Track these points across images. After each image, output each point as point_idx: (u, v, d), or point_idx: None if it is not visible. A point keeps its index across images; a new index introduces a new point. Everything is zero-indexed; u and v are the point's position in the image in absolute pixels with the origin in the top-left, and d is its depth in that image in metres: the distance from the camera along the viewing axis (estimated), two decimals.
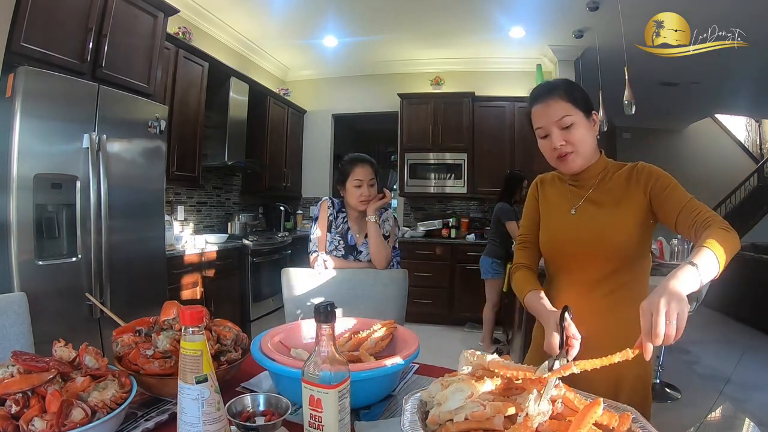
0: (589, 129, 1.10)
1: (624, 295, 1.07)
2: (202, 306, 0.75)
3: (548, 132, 1.09)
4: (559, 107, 1.07)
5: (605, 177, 1.12)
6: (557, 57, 4.71)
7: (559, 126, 1.08)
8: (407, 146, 5.01)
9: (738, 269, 4.97)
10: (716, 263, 0.86)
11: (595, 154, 1.13)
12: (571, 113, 1.07)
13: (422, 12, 4.00)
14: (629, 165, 1.12)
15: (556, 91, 1.09)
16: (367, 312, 1.30)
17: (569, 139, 1.08)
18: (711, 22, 2.59)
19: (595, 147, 1.13)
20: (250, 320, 3.88)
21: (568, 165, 1.11)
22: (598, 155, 1.14)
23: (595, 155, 1.13)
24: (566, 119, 1.07)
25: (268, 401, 0.81)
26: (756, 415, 2.66)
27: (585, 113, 1.09)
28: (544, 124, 1.10)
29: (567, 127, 1.07)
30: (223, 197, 4.52)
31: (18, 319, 1.20)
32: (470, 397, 0.65)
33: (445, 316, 4.61)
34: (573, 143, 1.08)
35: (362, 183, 1.78)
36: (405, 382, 1.08)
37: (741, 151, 8.51)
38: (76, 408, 0.70)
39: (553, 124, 1.08)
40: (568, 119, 1.07)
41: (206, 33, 4.13)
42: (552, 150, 1.10)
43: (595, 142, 1.12)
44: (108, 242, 2.27)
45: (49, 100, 2.03)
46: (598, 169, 1.13)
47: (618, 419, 0.64)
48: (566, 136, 1.08)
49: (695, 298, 2.73)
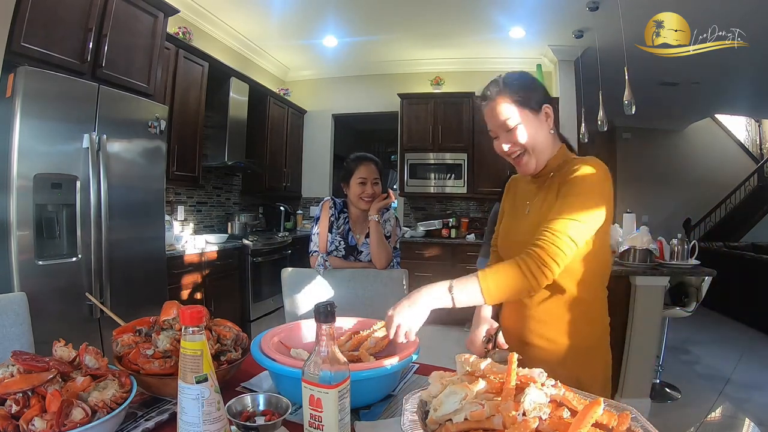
0: (538, 126, 1.04)
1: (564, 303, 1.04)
2: (202, 306, 0.75)
3: (497, 135, 1.06)
4: (501, 109, 1.02)
5: (558, 172, 1.06)
6: (557, 57, 4.71)
7: (505, 129, 1.03)
8: (407, 146, 5.01)
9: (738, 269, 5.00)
10: (478, 295, 0.91)
11: (552, 149, 1.07)
12: (515, 115, 1.01)
13: (422, 12, 4.00)
14: (577, 159, 1.05)
15: (499, 92, 1.03)
16: (367, 312, 1.30)
17: (516, 141, 1.03)
18: (711, 22, 2.59)
19: (550, 142, 1.06)
20: (250, 320, 3.88)
21: (522, 167, 1.07)
22: (557, 149, 1.08)
23: (553, 149, 1.07)
24: (510, 122, 1.02)
25: (268, 401, 0.80)
26: (756, 415, 2.66)
27: (532, 110, 1.03)
28: (491, 128, 1.06)
29: (511, 129, 1.02)
30: (223, 197, 4.52)
31: (18, 319, 1.20)
32: (465, 398, 0.65)
33: (444, 316, 4.57)
34: (521, 145, 1.03)
35: (366, 181, 1.79)
36: (405, 382, 1.08)
37: (741, 151, 8.50)
38: (76, 408, 0.70)
39: (499, 127, 1.04)
40: (512, 121, 1.02)
41: (206, 33, 4.13)
42: (502, 153, 1.07)
43: (549, 136, 1.06)
44: (108, 242, 2.27)
45: (49, 100, 2.03)
46: (555, 165, 1.07)
47: (617, 419, 0.64)
48: (512, 138, 1.03)
49: (695, 298, 2.74)
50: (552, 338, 1.06)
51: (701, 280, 2.69)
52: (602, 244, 1.04)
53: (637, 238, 2.68)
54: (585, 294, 1.04)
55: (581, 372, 1.02)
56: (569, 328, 1.05)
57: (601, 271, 1.08)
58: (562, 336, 1.05)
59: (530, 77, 1.08)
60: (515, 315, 1.11)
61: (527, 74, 1.09)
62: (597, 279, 1.07)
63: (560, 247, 0.92)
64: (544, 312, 1.06)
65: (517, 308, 1.10)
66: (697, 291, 2.72)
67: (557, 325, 1.05)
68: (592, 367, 1.07)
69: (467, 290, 0.91)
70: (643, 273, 2.54)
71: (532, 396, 0.64)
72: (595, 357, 1.08)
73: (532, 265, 0.91)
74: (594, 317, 1.08)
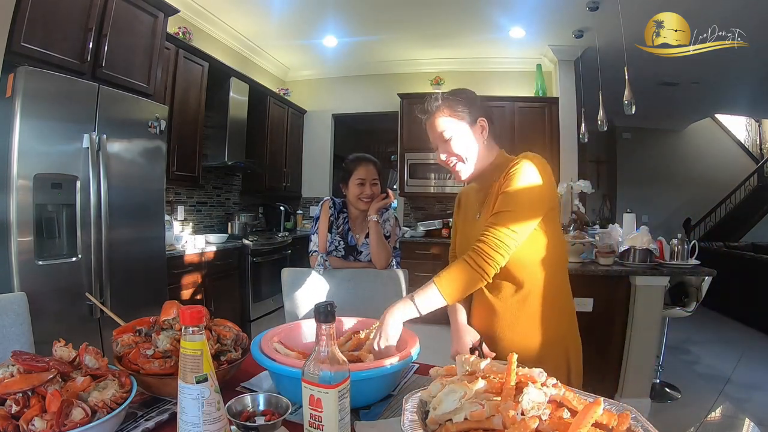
0: (473, 137, 1.12)
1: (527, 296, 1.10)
2: (202, 306, 0.75)
3: (436, 146, 1.15)
4: (439, 123, 1.12)
5: (498, 176, 1.11)
6: (557, 57, 4.71)
7: (442, 140, 1.12)
8: (407, 146, 5.01)
9: (738, 269, 4.99)
10: (438, 297, 1.02)
11: (488, 157, 1.14)
12: (450, 127, 1.11)
13: (422, 12, 4.00)
14: (515, 158, 1.10)
15: (436, 107, 1.12)
16: (367, 312, 1.30)
17: (452, 152, 1.12)
18: (711, 22, 2.59)
19: (485, 151, 1.14)
20: (250, 320, 3.88)
21: (457, 175, 1.15)
22: (493, 156, 1.15)
23: (488, 158, 1.14)
24: (446, 134, 1.11)
25: (268, 401, 0.80)
26: (756, 415, 2.66)
27: (468, 122, 1.11)
28: (431, 140, 1.16)
29: (447, 140, 1.11)
30: (223, 197, 4.52)
31: (18, 319, 1.20)
32: (464, 397, 0.65)
33: (445, 316, 4.58)
34: (456, 155, 1.12)
35: (365, 182, 1.78)
36: (405, 382, 1.08)
37: (741, 151, 8.50)
38: (76, 408, 0.70)
39: (437, 139, 1.13)
40: (448, 133, 1.11)
41: (206, 33, 4.13)
42: (442, 162, 1.15)
43: (483, 146, 1.13)
44: (108, 242, 2.27)
45: (49, 100, 2.03)
46: (492, 170, 1.14)
47: (617, 419, 0.64)
48: (448, 149, 1.12)
49: (695, 298, 2.74)
50: (521, 332, 1.10)
51: (701, 280, 2.69)
52: (554, 233, 1.10)
53: (637, 238, 2.68)
54: (545, 284, 1.10)
55: (555, 363, 1.08)
56: (535, 321, 1.10)
57: (557, 259, 1.13)
58: (530, 329, 1.10)
59: (467, 93, 1.16)
60: (484, 315, 1.17)
61: (465, 91, 1.17)
62: (555, 267, 1.12)
63: (500, 238, 1.01)
64: (510, 308, 1.11)
65: (485, 309, 1.16)
66: (697, 291, 2.72)
67: (524, 319, 1.10)
68: (564, 356, 1.12)
69: (427, 296, 1.02)
70: (643, 273, 2.54)
71: (531, 395, 0.64)
72: (566, 346, 1.13)
73: (477, 258, 1.02)
74: (560, 306, 1.13)
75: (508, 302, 1.11)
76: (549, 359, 1.05)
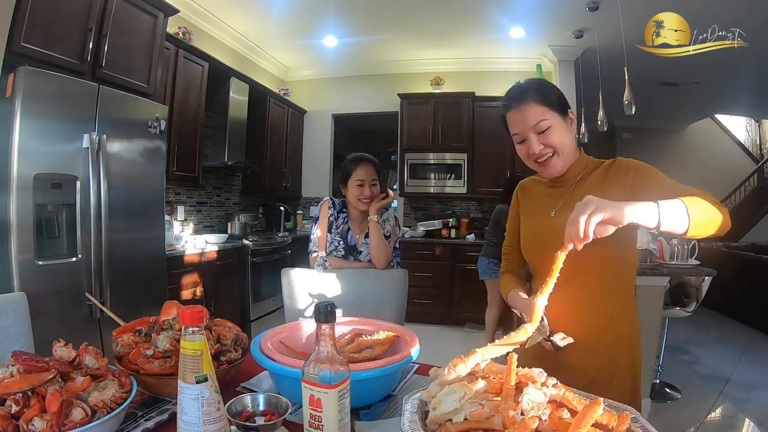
0: (566, 129, 1.07)
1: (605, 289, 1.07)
2: (202, 306, 0.75)
3: (525, 137, 1.07)
4: (534, 112, 1.04)
5: (585, 176, 1.10)
6: (557, 57, 4.71)
7: (536, 131, 1.05)
8: (407, 146, 5.01)
9: (738, 269, 4.98)
10: (684, 215, 0.82)
11: (575, 154, 1.11)
12: (547, 117, 1.04)
13: (422, 12, 4.00)
14: (608, 162, 1.09)
15: (529, 94, 1.05)
16: (367, 312, 1.30)
17: (547, 143, 1.05)
18: (711, 22, 2.59)
19: (575, 146, 1.10)
20: (250, 320, 3.88)
21: (549, 169, 1.09)
22: (578, 154, 1.12)
23: (575, 155, 1.11)
24: (542, 123, 1.04)
25: (268, 401, 0.81)
26: (756, 415, 2.66)
27: (561, 114, 1.06)
28: (520, 131, 1.07)
29: (544, 131, 1.04)
30: (223, 197, 4.52)
31: (18, 319, 1.20)
32: (464, 397, 0.65)
33: (445, 316, 4.61)
34: (552, 146, 1.05)
35: (364, 182, 1.78)
36: (405, 382, 1.08)
37: (741, 151, 8.50)
38: (76, 408, 0.70)
39: (530, 129, 1.05)
40: (544, 123, 1.04)
41: (206, 33, 4.13)
42: (531, 155, 1.08)
43: (574, 141, 1.09)
44: (108, 242, 2.27)
45: (49, 100, 2.03)
46: (579, 169, 1.10)
47: (617, 419, 0.64)
48: (544, 140, 1.05)
49: (695, 298, 2.74)
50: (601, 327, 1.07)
51: (701, 280, 2.69)
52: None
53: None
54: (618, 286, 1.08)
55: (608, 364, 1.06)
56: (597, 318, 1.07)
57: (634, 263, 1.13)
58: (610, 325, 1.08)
59: (551, 84, 1.12)
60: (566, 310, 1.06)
61: (546, 81, 1.13)
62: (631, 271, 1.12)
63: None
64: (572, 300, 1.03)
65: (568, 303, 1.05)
66: (697, 291, 2.72)
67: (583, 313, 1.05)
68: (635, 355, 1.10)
69: (673, 209, 0.82)
70: (643, 273, 2.54)
71: (531, 395, 0.64)
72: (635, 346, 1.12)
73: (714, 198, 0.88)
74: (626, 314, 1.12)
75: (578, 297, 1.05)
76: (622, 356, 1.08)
